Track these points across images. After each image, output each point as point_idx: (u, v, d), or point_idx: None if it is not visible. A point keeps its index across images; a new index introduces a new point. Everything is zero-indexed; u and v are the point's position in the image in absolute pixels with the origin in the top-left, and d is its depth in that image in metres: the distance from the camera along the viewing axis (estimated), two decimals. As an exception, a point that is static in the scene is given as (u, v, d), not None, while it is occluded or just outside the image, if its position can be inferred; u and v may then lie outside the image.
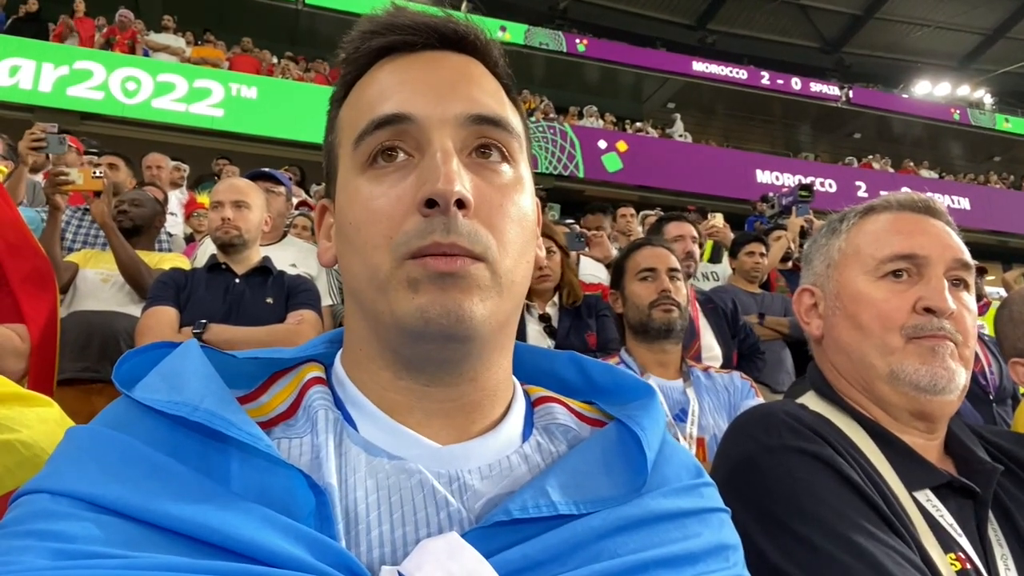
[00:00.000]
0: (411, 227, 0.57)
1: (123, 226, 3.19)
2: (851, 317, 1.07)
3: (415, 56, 0.64)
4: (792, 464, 0.92)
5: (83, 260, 3.15)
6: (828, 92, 18.23)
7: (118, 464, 0.52)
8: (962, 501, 0.96)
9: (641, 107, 18.40)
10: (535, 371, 0.78)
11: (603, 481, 0.61)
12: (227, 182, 2.78)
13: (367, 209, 0.59)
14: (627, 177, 13.00)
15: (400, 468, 0.58)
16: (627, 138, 13.84)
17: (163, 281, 2.48)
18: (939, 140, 19.40)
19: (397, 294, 0.57)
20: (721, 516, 0.67)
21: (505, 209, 0.61)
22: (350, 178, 0.63)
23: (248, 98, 11.00)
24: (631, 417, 0.67)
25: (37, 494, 0.51)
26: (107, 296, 3.03)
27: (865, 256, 1.08)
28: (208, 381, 0.58)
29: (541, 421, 0.69)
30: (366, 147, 0.61)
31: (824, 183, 14.27)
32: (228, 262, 2.60)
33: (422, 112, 0.60)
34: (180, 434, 0.55)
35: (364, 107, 0.63)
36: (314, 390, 0.64)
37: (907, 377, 1.00)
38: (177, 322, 2.37)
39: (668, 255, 2.29)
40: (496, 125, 0.62)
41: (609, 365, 0.78)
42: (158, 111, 10.42)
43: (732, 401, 2.12)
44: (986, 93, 21.57)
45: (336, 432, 0.60)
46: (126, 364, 0.64)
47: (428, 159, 0.59)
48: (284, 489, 0.53)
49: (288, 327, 2.45)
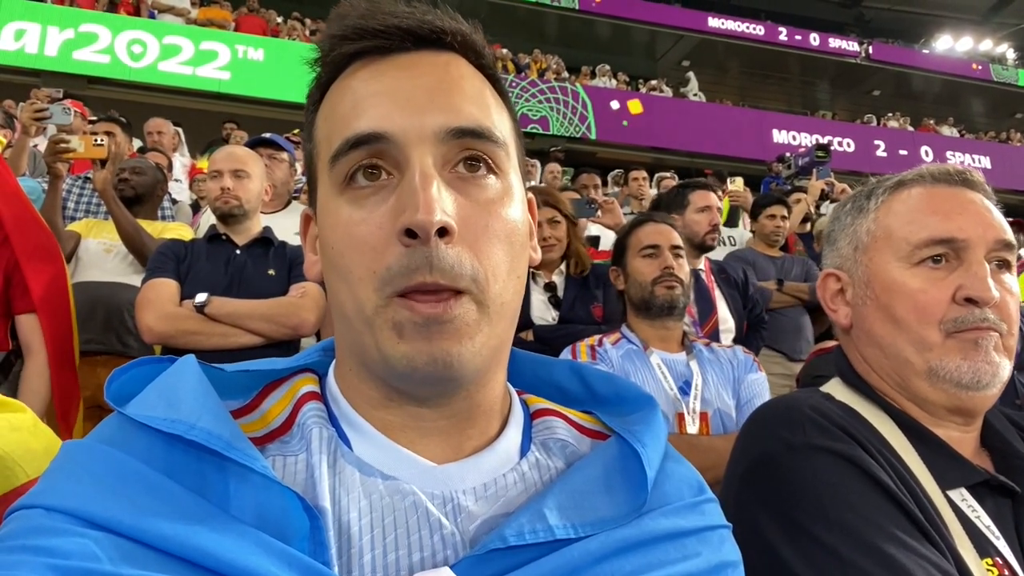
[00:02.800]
0: (394, 261, 0.54)
1: (124, 195, 3.14)
2: (884, 308, 0.98)
3: (389, 61, 0.60)
4: (818, 465, 0.86)
5: (85, 230, 3.11)
6: (847, 48, 17.82)
7: (113, 481, 0.51)
8: (1000, 500, 0.90)
9: (655, 65, 18.07)
10: (534, 380, 0.77)
11: (602, 501, 0.60)
12: (225, 150, 2.70)
13: (349, 236, 0.57)
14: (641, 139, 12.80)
15: (394, 489, 0.57)
16: (641, 98, 13.59)
17: (162, 252, 2.42)
18: (960, 97, 18.97)
19: (383, 335, 0.55)
20: (721, 533, 0.65)
21: (492, 229, 0.58)
22: (329, 197, 0.60)
23: (255, 60, 10.87)
24: (632, 433, 0.65)
25: (32, 509, 0.50)
26: (110, 267, 2.99)
27: (898, 240, 0.98)
28: (205, 399, 0.57)
29: (540, 436, 0.67)
30: (342, 168, 0.58)
31: (842, 142, 14.01)
32: (228, 232, 2.54)
33: (399, 129, 0.57)
34: (176, 452, 0.54)
35: (338, 121, 0.60)
36: (308, 407, 0.63)
37: (948, 374, 0.92)
38: (178, 295, 2.31)
39: (671, 231, 2.26)
40: (479, 137, 0.59)
41: (610, 374, 0.76)
42: (164, 74, 10.32)
43: (736, 375, 2.10)
44: (1009, 48, 21.02)
45: (330, 451, 0.59)
46: (117, 380, 0.62)
47: (407, 182, 0.56)
48: (279, 511, 0.52)
49: (291, 300, 2.40)
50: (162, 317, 2.24)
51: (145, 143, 5.49)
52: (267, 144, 3.36)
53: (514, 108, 0.68)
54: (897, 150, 14.89)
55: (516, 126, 0.67)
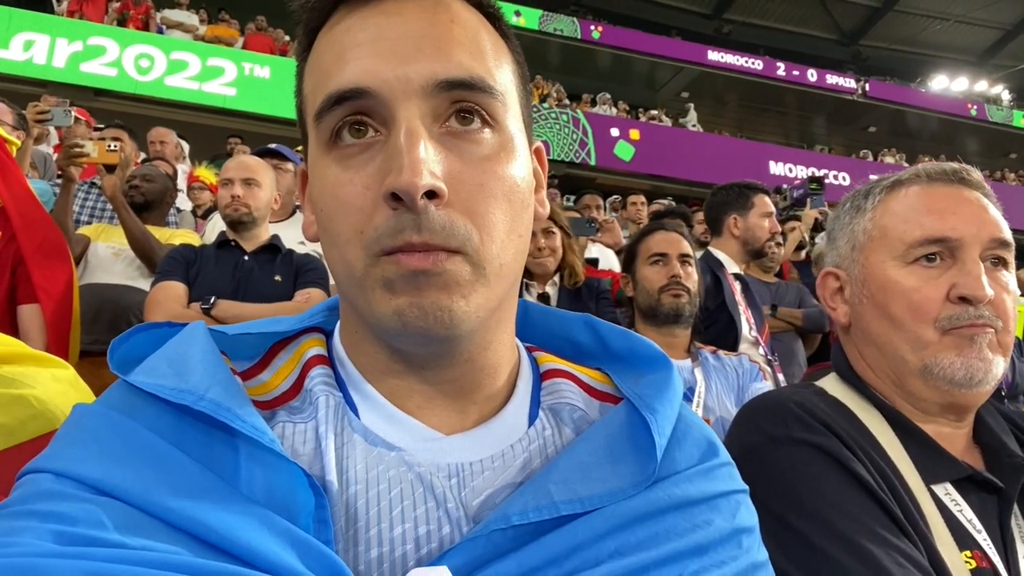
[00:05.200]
0: (381, 222, 0.52)
1: (134, 201, 3.21)
2: (880, 307, 0.99)
3: (375, 5, 0.56)
4: (796, 457, 0.88)
5: (95, 234, 3.16)
6: (844, 84, 18.05)
7: (122, 450, 0.51)
8: (985, 496, 0.92)
9: (655, 96, 18.27)
10: (547, 334, 0.75)
11: (609, 472, 0.58)
12: (237, 159, 2.78)
13: (336, 198, 0.55)
14: (639, 166, 12.93)
15: (400, 460, 0.57)
16: (640, 127, 13.75)
17: (173, 256, 2.49)
18: (955, 135, 19.19)
19: (374, 294, 0.54)
20: (737, 498, 0.63)
21: (487, 188, 0.55)
22: (317, 156, 0.58)
23: (261, 78, 10.97)
24: (642, 398, 0.63)
25: (41, 474, 0.50)
26: (118, 270, 3.05)
27: (893, 239, 0.99)
28: (215, 368, 0.56)
29: (548, 400, 0.65)
30: (327, 125, 0.56)
31: (838, 176, 14.16)
32: (237, 239, 2.61)
33: (383, 83, 0.53)
34: (185, 422, 0.54)
35: (322, 75, 0.57)
36: (315, 372, 0.62)
37: (941, 371, 0.93)
38: (186, 297, 2.39)
39: (680, 240, 2.28)
40: (471, 88, 0.55)
41: (625, 330, 0.73)
42: (171, 88, 10.41)
43: (740, 383, 2.12)
44: (1004, 89, 21.34)
45: (337, 419, 0.59)
46: (120, 347, 0.62)
47: (392, 140, 0.53)
48: (286, 486, 0.52)
49: (296, 304, 2.46)
50: (169, 318, 2.28)
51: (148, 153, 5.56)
52: (273, 155, 3.42)
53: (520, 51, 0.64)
54: (892, 185, 15.03)
55: (520, 70, 0.63)
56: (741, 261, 2.99)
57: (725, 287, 2.80)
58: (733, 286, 2.84)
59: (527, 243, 0.61)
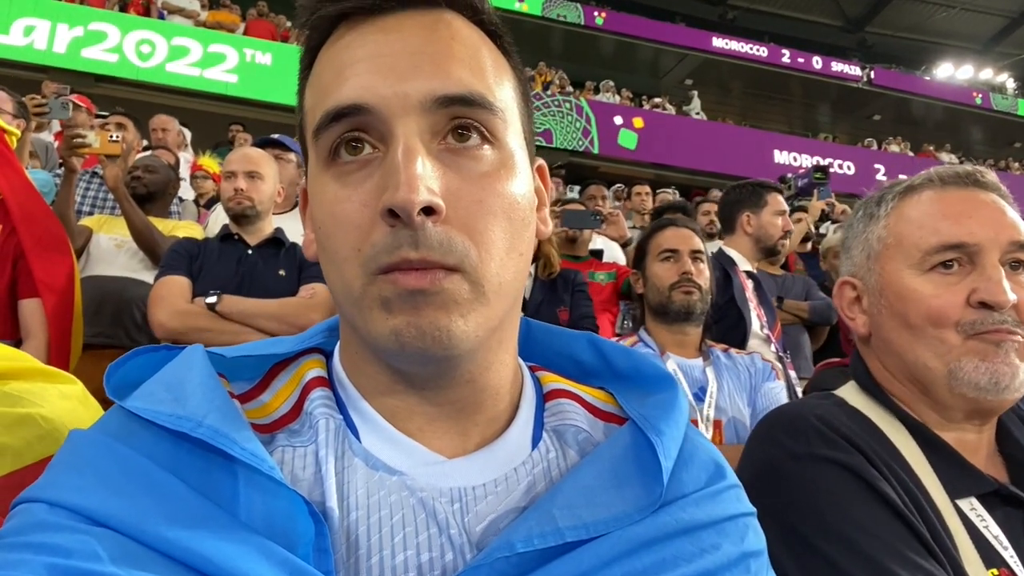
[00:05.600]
0: (379, 239, 0.52)
1: (137, 192, 3.17)
2: (899, 316, 0.97)
3: (374, 22, 0.56)
4: (819, 475, 0.86)
5: (97, 225, 3.14)
6: (849, 72, 17.95)
7: (118, 478, 0.50)
8: (1010, 510, 0.89)
9: (659, 83, 18.18)
10: (549, 352, 0.74)
11: (615, 497, 0.57)
12: (240, 151, 2.74)
13: (334, 215, 0.54)
14: (642, 155, 12.88)
15: (402, 485, 0.56)
16: (643, 114, 13.68)
17: (176, 250, 2.46)
18: (959, 124, 19.10)
19: (371, 314, 0.53)
20: (745, 521, 0.62)
21: (486, 204, 0.54)
22: (316, 173, 0.57)
23: (263, 64, 10.92)
24: (647, 420, 0.62)
25: (36, 503, 0.50)
26: (121, 262, 3.03)
27: (908, 247, 0.97)
28: (213, 394, 0.55)
29: (552, 421, 0.65)
30: (325, 142, 0.55)
31: (842, 165, 14.11)
32: (240, 233, 2.58)
33: (380, 99, 0.53)
34: (182, 448, 0.53)
35: (321, 91, 0.57)
36: (316, 394, 0.61)
37: (966, 376, 0.90)
38: (190, 292, 2.35)
39: (691, 236, 2.25)
40: (469, 104, 0.54)
41: (628, 349, 0.72)
42: (172, 75, 10.37)
43: (753, 383, 2.09)
44: (1009, 77, 21.22)
45: (338, 442, 0.58)
46: (117, 372, 0.61)
47: (390, 157, 0.53)
48: (285, 514, 0.51)
49: (300, 300, 2.43)
50: (174, 314, 2.27)
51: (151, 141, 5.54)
52: (275, 144, 3.39)
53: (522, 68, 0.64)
54: (896, 174, 14.96)
55: (521, 87, 0.63)
56: (754, 258, 3.00)
57: (735, 284, 2.80)
58: (745, 283, 2.84)
59: (528, 261, 0.60)
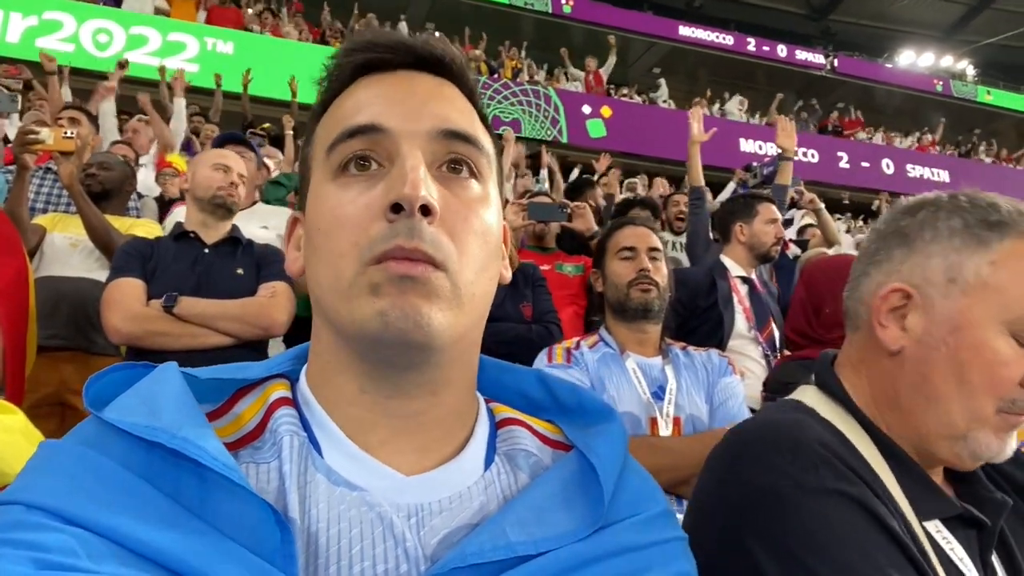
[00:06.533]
0: (376, 232, 0.58)
1: (92, 190, 3.09)
2: (958, 364, 0.87)
3: (391, 74, 0.67)
4: (830, 509, 0.81)
5: (51, 224, 3.06)
6: (813, 60, 18.13)
7: (91, 482, 0.53)
8: (968, 532, 0.89)
9: (626, 72, 18.18)
10: (500, 387, 0.79)
11: (562, 516, 0.62)
12: (235, 157, 2.70)
13: (335, 215, 0.61)
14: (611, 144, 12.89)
15: (361, 500, 0.59)
16: (612, 103, 13.69)
17: (127, 251, 2.38)
18: (920, 111, 19.40)
19: (359, 299, 0.58)
20: (674, 546, 0.67)
21: (470, 222, 0.62)
22: (321, 184, 0.64)
23: (224, 53, 10.72)
24: (589, 446, 0.68)
25: (12, 505, 0.52)
26: (76, 262, 2.96)
27: (1010, 302, 0.86)
28: (187, 408, 0.59)
29: (504, 446, 0.69)
30: (338, 155, 0.63)
31: (807, 153, 14.26)
32: (199, 231, 2.51)
33: (394, 124, 0.62)
34: (155, 456, 0.56)
35: (338, 118, 0.65)
36: (280, 413, 0.64)
37: (976, 445, 0.88)
38: (144, 294, 2.28)
39: (649, 235, 2.28)
40: (466, 141, 0.64)
41: (574, 385, 0.77)
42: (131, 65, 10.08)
43: (710, 380, 2.11)
44: (969, 64, 21.57)
45: (301, 459, 0.60)
46: (95, 385, 0.64)
47: (397, 168, 0.60)
48: (253, 521, 0.54)
49: (261, 300, 2.39)
50: (129, 318, 2.21)
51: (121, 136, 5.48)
52: (238, 142, 3.34)
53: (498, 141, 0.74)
54: (859, 162, 15.22)
55: (498, 155, 0.72)
56: (749, 265, 3.19)
57: (720, 289, 2.99)
58: (736, 289, 3.06)
59: (494, 291, 0.66)
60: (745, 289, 3.10)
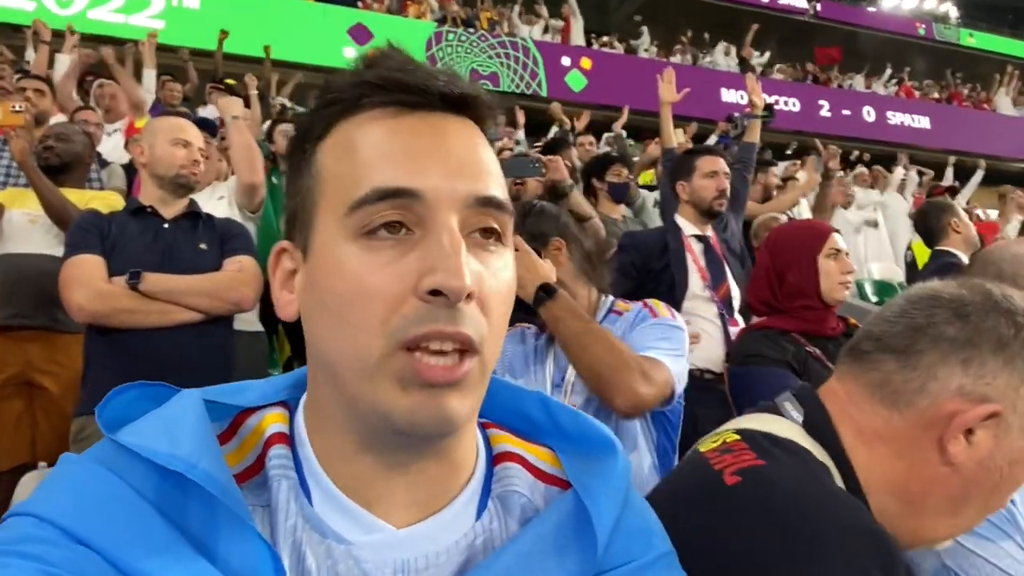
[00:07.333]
0: (410, 312, 0.54)
1: (50, 163, 2.99)
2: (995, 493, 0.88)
3: (418, 118, 0.60)
4: None
5: (9, 200, 2.97)
6: (796, 5, 17.88)
7: (106, 505, 0.54)
8: None
9: (607, 19, 17.85)
10: (500, 409, 0.76)
11: (552, 564, 0.60)
12: (190, 126, 2.56)
13: (360, 285, 0.55)
14: (591, 96, 12.71)
15: (348, 555, 0.58)
16: (592, 55, 13.45)
17: (82, 227, 2.27)
18: (903, 54, 19.23)
19: (384, 387, 0.55)
20: None
21: (501, 295, 0.59)
22: (336, 242, 0.57)
23: (191, 8, 10.40)
24: (587, 487, 0.65)
25: (26, 517, 0.53)
26: (36, 238, 2.88)
27: None
28: (206, 440, 0.58)
29: (498, 487, 0.67)
30: (364, 217, 0.56)
31: (787, 102, 14.14)
32: (156, 206, 2.41)
33: (431, 188, 0.56)
34: (167, 484, 0.56)
35: (361, 166, 0.58)
36: (274, 452, 0.63)
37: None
38: (105, 271, 2.20)
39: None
40: (499, 208, 0.60)
41: (576, 412, 0.74)
42: (94, 23, 9.76)
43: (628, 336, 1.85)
44: (951, 5, 21.35)
45: (293, 507, 0.60)
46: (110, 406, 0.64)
47: (434, 241, 0.55)
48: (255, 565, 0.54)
49: (229, 274, 2.33)
50: (93, 295, 2.14)
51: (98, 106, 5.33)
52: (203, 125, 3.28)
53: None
54: (840, 110, 15.12)
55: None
56: (700, 222, 3.12)
57: (673, 249, 2.94)
58: (690, 248, 2.99)
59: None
60: (700, 248, 3.03)
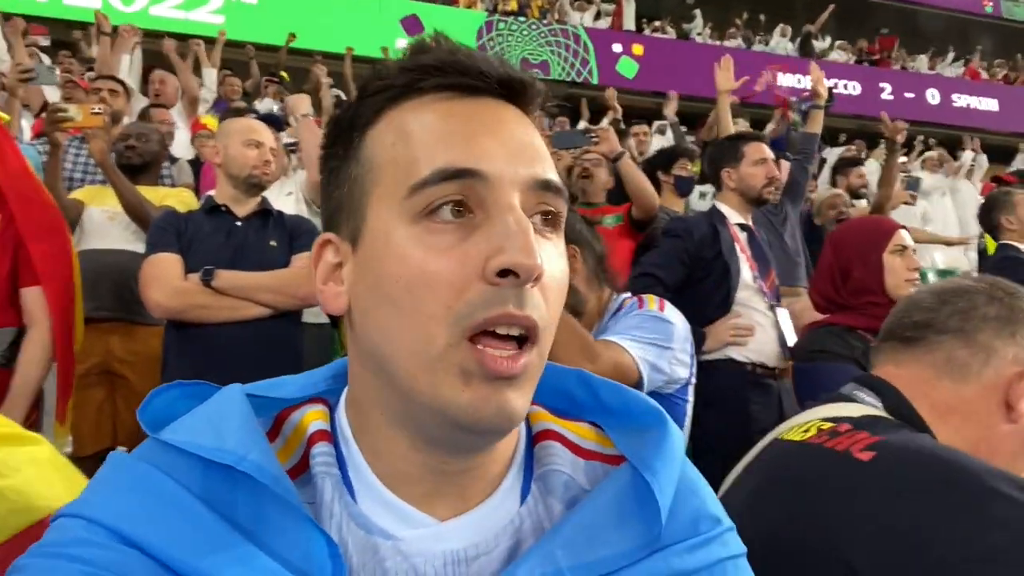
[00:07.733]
0: (476, 296, 0.53)
1: (131, 162, 3.14)
2: None
3: (474, 102, 0.59)
4: None
5: (88, 197, 3.12)
6: (856, -16, 17.36)
7: (154, 504, 0.54)
8: None
9: (659, 3, 17.59)
10: (541, 388, 0.74)
11: (614, 535, 0.59)
12: (265, 129, 2.66)
13: (423, 269, 0.53)
14: (643, 83, 12.58)
15: (396, 550, 0.58)
16: (644, 40, 13.30)
17: (162, 226, 2.41)
18: (968, 34, 18.49)
19: (447, 379, 0.53)
20: (735, 563, 0.64)
21: (560, 284, 0.58)
22: (395, 226, 0.56)
23: (249, 4, 10.63)
24: (644, 460, 0.63)
25: (75, 519, 0.53)
26: (115, 234, 3.03)
27: None
28: (254, 433, 0.58)
29: (540, 467, 0.65)
30: (426, 198, 0.54)
31: (847, 86, 13.78)
32: (230, 204, 2.52)
33: (495, 170, 0.55)
34: (213, 478, 0.56)
35: (421, 149, 0.56)
36: (318, 451, 0.62)
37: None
38: (182, 268, 2.32)
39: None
40: (557, 193, 0.59)
41: (618, 385, 0.72)
42: (156, 19, 10.08)
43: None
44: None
45: (337, 505, 0.60)
46: (151, 405, 0.64)
47: (499, 222, 0.54)
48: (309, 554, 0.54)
49: (295, 271, 2.42)
50: (171, 293, 2.27)
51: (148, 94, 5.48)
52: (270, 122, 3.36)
53: None
54: (903, 93, 14.66)
55: None
56: (744, 211, 3.00)
57: (723, 238, 2.82)
58: (737, 237, 2.88)
59: None
60: (745, 236, 2.92)
